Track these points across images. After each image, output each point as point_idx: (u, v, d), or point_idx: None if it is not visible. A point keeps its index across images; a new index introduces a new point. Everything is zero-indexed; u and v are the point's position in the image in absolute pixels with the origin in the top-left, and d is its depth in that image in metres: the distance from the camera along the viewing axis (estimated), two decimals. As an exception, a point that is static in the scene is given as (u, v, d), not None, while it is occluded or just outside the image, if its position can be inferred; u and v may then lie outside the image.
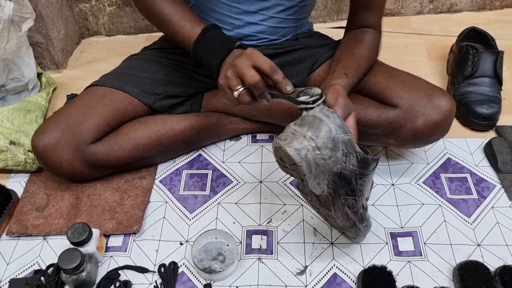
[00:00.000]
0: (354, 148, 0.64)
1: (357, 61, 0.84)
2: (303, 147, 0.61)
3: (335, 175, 0.64)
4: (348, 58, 0.85)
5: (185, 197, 0.94)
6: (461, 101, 1.07)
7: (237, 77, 0.68)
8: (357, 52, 0.87)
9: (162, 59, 0.98)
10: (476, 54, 1.09)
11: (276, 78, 0.66)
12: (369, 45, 0.88)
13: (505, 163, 0.96)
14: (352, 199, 0.70)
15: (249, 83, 0.66)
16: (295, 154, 0.60)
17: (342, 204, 0.69)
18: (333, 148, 0.62)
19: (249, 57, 0.67)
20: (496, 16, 1.43)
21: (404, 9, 1.43)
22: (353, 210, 0.71)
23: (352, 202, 0.70)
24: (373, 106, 0.87)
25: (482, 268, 0.78)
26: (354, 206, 0.71)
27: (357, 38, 0.90)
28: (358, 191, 0.69)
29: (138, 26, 1.38)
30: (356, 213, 0.72)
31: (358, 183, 0.68)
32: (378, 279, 0.76)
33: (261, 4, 0.88)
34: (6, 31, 0.96)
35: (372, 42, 0.89)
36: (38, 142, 0.84)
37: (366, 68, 0.87)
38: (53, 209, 0.90)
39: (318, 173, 0.62)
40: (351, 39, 0.91)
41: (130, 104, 0.92)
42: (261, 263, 0.82)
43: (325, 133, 0.61)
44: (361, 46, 0.88)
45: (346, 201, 0.69)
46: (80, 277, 0.75)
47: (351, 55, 0.86)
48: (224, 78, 0.70)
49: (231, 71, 0.68)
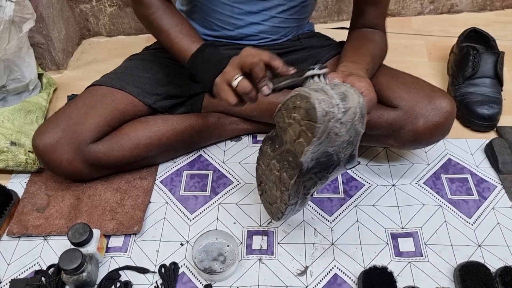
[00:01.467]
0: (358, 141, 0.64)
1: (373, 59, 0.84)
2: (330, 111, 0.57)
3: (326, 155, 0.63)
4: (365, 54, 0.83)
5: (186, 197, 0.94)
6: (461, 102, 1.07)
7: (235, 68, 0.69)
8: (371, 48, 0.86)
9: (163, 59, 0.98)
10: (476, 54, 1.09)
11: (276, 64, 0.67)
12: (380, 45, 0.88)
13: (506, 163, 0.96)
14: (314, 182, 0.69)
15: (250, 64, 0.66)
16: (321, 114, 0.56)
17: (303, 181, 0.68)
18: (348, 130, 0.60)
19: (245, 51, 0.69)
20: (497, 17, 1.43)
21: (405, 10, 1.43)
22: (306, 191, 0.71)
23: (311, 184, 0.69)
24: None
25: (483, 268, 0.78)
26: (310, 188, 0.70)
27: (367, 36, 0.89)
28: (324, 178, 0.69)
29: (139, 26, 1.38)
30: (305, 195, 0.72)
31: (331, 172, 0.67)
32: (379, 279, 0.76)
33: (263, 4, 0.88)
34: (6, 31, 0.96)
35: (382, 42, 0.89)
36: (39, 142, 0.84)
37: (376, 68, 0.87)
38: (54, 209, 0.90)
39: (321, 143, 0.60)
40: (361, 36, 0.90)
41: (130, 104, 0.92)
42: (262, 263, 0.82)
43: (352, 112, 0.59)
44: (373, 44, 0.87)
45: (309, 181, 0.68)
46: (80, 277, 0.75)
47: (367, 52, 0.84)
48: (222, 75, 0.70)
49: (229, 66, 0.69)
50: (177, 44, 0.81)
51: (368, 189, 0.94)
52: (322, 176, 0.68)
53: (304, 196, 0.72)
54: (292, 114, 0.61)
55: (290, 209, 0.73)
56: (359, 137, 0.63)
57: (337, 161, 0.65)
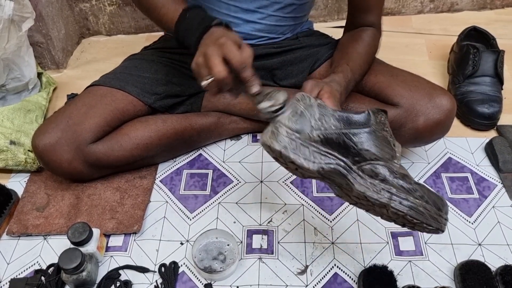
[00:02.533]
0: (325, 109, 0.62)
1: (351, 58, 0.84)
2: (268, 131, 0.60)
3: (320, 143, 0.61)
4: (341, 58, 0.85)
5: (186, 196, 0.94)
6: (462, 101, 1.07)
7: (206, 67, 0.65)
8: (351, 51, 0.87)
9: (163, 59, 0.98)
10: (477, 53, 1.09)
11: (244, 76, 0.63)
12: (365, 42, 0.88)
13: (506, 162, 0.96)
14: (368, 165, 0.62)
15: (215, 78, 0.63)
16: (267, 140, 0.60)
17: (360, 176, 0.62)
18: (299, 119, 0.60)
19: (221, 47, 0.64)
20: (497, 15, 1.43)
21: (405, 9, 1.43)
22: (379, 178, 0.62)
23: (370, 168, 0.62)
24: (374, 105, 0.87)
25: (483, 267, 0.78)
26: (376, 173, 0.62)
27: (353, 38, 0.90)
28: (365, 152, 0.62)
29: (139, 25, 1.38)
30: (385, 181, 0.62)
31: (356, 143, 0.62)
32: (379, 278, 0.76)
33: (259, 2, 0.88)
34: (6, 30, 0.96)
35: (368, 39, 0.89)
36: (39, 142, 0.84)
37: (362, 63, 0.87)
38: (54, 209, 0.90)
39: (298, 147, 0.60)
40: (347, 39, 0.92)
41: (130, 103, 0.92)
42: (262, 262, 0.82)
43: (289, 111, 0.61)
44: (355, 44, 0.88)
45: (363, 171, 0.62)
46: (80, 277, 0.75)
47: (344, 54, 0.86)
48: (195, 64, 0.67)
49: (202, 59, 0.65)
50: (165, 16, 0.78)
51: (368, 188, 0.94)
52: (358, 154, 0.62)
53: (387, 182, 0.62)
54: (279, 160, 0.64)
55: (404, 205, 0.62)
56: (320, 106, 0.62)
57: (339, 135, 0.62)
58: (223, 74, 0.63)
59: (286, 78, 0.98)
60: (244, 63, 0.63)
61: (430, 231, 0.63)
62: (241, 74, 0.63)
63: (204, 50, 0.65)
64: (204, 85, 0.65)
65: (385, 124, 0.65)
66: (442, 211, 0.63)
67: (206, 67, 0.64)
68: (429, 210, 0.62)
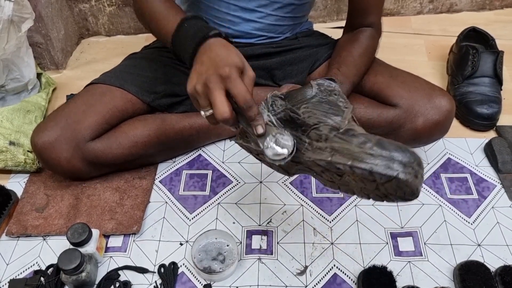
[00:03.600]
0: (275, 95, 0.65)
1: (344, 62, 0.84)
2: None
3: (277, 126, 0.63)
4: (334, 63, 0.85)
5: (185, 197, 0.94)
6: (461, 101, 1.07)
7: (206, 98, 0.59)
8: (345, 54, 0.87)
9: (162, 58, 0.98)
10: (476, 54, 1.09)
11: (249, 115, 0.58)
12: (363, 43, 0.88)
13: (505, 163, 0.96)
14: (313, 130, 0.61)
15: (217, 118, 0.58)
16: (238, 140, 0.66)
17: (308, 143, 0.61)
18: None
19: (224, 80, 0.57)
20: (496, 16, 1.43)
21: (404, 9, 1.43)
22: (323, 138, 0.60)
23: (315, 132, 0.61)
24: (373, 105, 0.87)
25: (483, 268, 0.78)
26: (320, 135, 0.60)
27: (351, 39, 0.90)
28: (307, 119, 0.61)
29: (138, 26, 1.38)
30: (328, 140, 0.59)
31: (299, 114, 0.62)
32: (379, 279, 0.76)
33: (259, 1, 0.88)
34: (5, 31, 0.96)
35: (366, 41, 0.89)
36: (37, 140, 0.84)
37: (356, 67, 0.86)
38: (53, 209, 0.90)
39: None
40: (345, 40, 0.92)
41: (129, 102, 0.92)
42: (261, 263, 0.82)
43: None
44: (351, 47, 0.88)
45: (310, 137, 0.61)
46: (80, 277, 0.75)
47: (338, 58, 0.87)
48: (194, 89, 0.60)
49: (201, 89, 0.59)
50: (164, 28, 0.73)
51: (367, 189, 0.94)
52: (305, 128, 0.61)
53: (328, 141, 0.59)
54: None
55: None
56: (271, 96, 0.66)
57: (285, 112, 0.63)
58: (226, 115, 0.57)
59: (285, 78, 0.98)
60: (250, 102, 0.57)
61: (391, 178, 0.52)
62: (246, 113, 0.58)
63: (205, 77, 0.59)
64: (204, 115, 0.61)
65: (333, 91, 0.64)
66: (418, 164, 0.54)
67: (206, 99, 0.59)
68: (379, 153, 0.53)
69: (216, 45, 0.62)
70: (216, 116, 0.58)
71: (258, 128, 0.59)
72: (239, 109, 0.60)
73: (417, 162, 0.53)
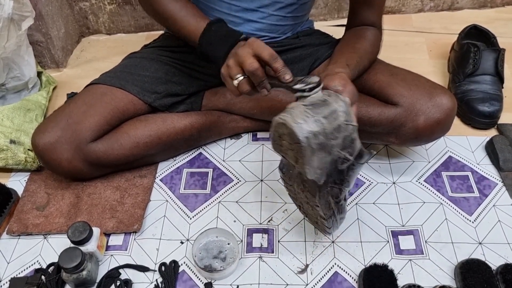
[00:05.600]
0: (355, 137, 0.63)
1: (359, 54, 0.84)
2: (309, 126, 0.58)
3: (331, 162, 0.63)
4: (351, 52, 0.84)
5: (186, 195, 0.93)
6: (462, 99, 1.07)
7: (237, 65, 0.68)
8: (359, 46, 0.86)
9: (163, 57, 0.98)
10: (477, 52, 1.09)
11: (276, 66, 0.66)
12: (371, 41, 0.88)
13: (507, 161, 0.96)
14: (338, 189, 0.68)
15: (247, 70, 0.67)
16: (301, 133, 0.58)
17: (327, 192, 0.68)
18: (337, 133, 0.61)
19: (250, 45, 0.68)
20: (497, 14, 1.43)
21: (405, 7, 1.43)
22: (336, 200, 0.70)
23: (337, 192, 0.69)
24: (374, 104, 0.87)
25: (484, 266, 0.78)
26: (338, 196, 0.70)
27: (358, 34, 0.90)
28: (346, 182, 0.68)
29: (138, 24, 1.38)
30: (337, 203, 0.71)
31: (348, 174, 0.67)
32: (379, 277, 0.76)
33: (260, 2, 0.88)
34: (6, 29, 0.96)
35: (373, 38, 0.89)
36: (38, 141, 0.84)
37: (367, 63, 0.87)
38: (54, 208, 0.90)
39: (317, 157, 0.60)
40: (352, 34, 0.91)
41: (130, 102, 0.92)
42: (262, 261, 0.82)
43: (333, 118, 0.60)
44: (363, 41, 0.88)
45: (332, 190, 0.68)
46: (80, 276, 0.75)
47: (353, 49, 0.86)
48: (226, 67, 0.70)
49: (232, 60, 0.69)
50: (185, 28, 0.81)
51: (368, 187, 0.94)
52: (341, 180, 0.68)
53: (338, 205, 0.72)
54: (282, 141, 0.64)
55: (332, 221, 0.74)
56: (354, 132, 0.63)
57: (347, 162, 0.65)
58: (255, 65, 0.66)
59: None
60: (275, 55, 0.66)
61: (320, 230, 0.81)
62: (273, 65, 0.66)
63: (235, 52, 0.69)
64: (236, 84, 0.69)
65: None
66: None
67: (237, 66, 0.68)
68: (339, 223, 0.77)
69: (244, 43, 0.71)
70: (247, 68, 0.66)
71: (286, 76, 0.66)
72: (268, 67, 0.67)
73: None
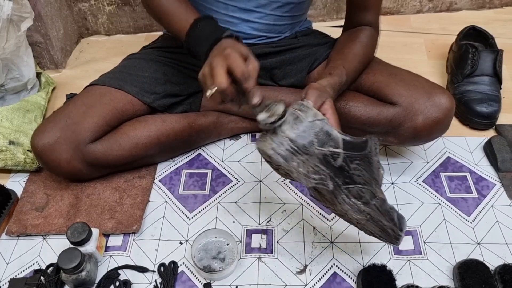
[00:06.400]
0: (328, 129, 0.63)
1: (347, 59, 0.84)
2: (275, 141, 0.62)
3: (321, 162, 0.63)
4: (337, 59, 0.86)
5: (185, 196, 0.94)
6: (460, 100, 1.07)
7: (210, 77, 0.66)
8: (347, 51, 0.87)
9: (162, 58, 0.98)
10: (475, 52, 1.09)
11: (245, 87, 0.64)
12: (363, 42, 0.88)
13: (505, 161, 0.96)
14: (355, 188, 0.66)
15: (217, 88, 0.64)
16: (268, 149, 0.62)
17: (346, 195, 0.66)
18: (305, 134, 0.62)
19: (226, 58, 0.65)
20: (496, 15, 1.43)
21: (404, 8, 1.43)
22: (362, 200, 0.66)
23: (357, 191, 0.66)
24: (373, 104, 0.87)
25: (482, 266, 0.78)
26: (361, 196, 0.66)
27: (350, 37, 0.90)
28: (357, 177, 0.65)
29: (137, 25, 1.38)
30: (367, 204, 0.67)
31: (351, 168, 0.65)
32: (378, 278, 0.76)
33: (257, 2, 0.88)
34: (5, 30, 0.96)
35: (365, 39, 0.89)
36: (37, 142, 0.84)
37: (358, 65, 0.87)
38: (53, 208, 0.90)
39: (296, 162, 0.62)
40: (344, 38, 0.92)
41: (129, 103, 0.92)
42: (261, 262, 0.82)
43: (299, 124, 0.62)
44: (352, 44, 0.88)
45: (350, 191, 0.66)
46: (79, 276, 0.75)
47: (341, 55, 0.87)
48: (202, 74, 0.68)
49: (207, 69, 0.67)
50: (176, 24, 0.80)
51: (367, 188, 0.94)
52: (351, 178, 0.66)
53: (369, 205, 0.67)
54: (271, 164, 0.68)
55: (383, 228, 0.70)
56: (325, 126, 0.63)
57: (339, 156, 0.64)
58: (224, 84, 0.63)
59: (285, 78, 0.98)
60: (247, 74, 0.64)
61: (388, 243, 0.77)
62: (243, 84, 0.64)
63: (210, 60, 0.67)
64: (209, 95, 0.66)
65: (377, 150, 0.68)
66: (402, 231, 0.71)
67: (210, 77, 0.66)
68: (396, 232, 0.70)
69: (226, 42, 0.71)
70: (216, 86, 0.64)
71: (254, 98, 0.63)
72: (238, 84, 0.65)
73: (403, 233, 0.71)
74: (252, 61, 0.67)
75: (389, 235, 0.70)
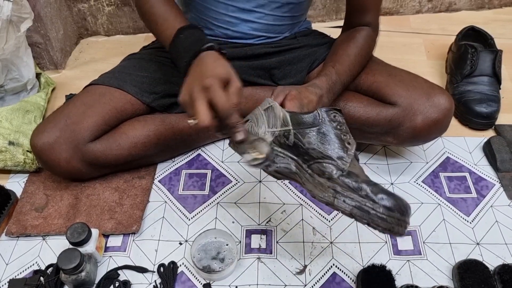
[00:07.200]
0: (278, 113, 0.65)
1: (338, 60, 0.85)
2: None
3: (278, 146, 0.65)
4: (329, 60, 0.87)
5: (185, 197, 0.94)
6: (460, 100, 1.07)
7: (191, 107, 0.62)
8: (341, 52, 0.87)
9: (161, 58, 0.98)
10: (475, 53, 1.09)
11: (228, 123, 0.61)
12: (358, 43, 0.88)
13: (504, 161, 0.96)
14: (316, 163, 0.63)
15: (200, 126, 0.61)
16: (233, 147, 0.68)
17: (310, 175, 0.64)
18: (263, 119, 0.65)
19: (206, 90, 0.61)
20: (495, 15, 1.43)
21: (403, 8, 1.43)
22: (326, 176, 0.62)
23: (318, 167, 0.63)
24: (372, 104, 0.87)
25: (481, 267, 0.78)
26: (323, 171, 0.62)
27: (346, 38, 0.91)
28: (311, 151, 0.63)
29: (137, 26, 1.38)
30: (331, 180, 0.62)
31: (304, 142, 0.63)
32: (378, 278, 0.76)
33: (257, 2, 0.88)
34: (4, 31, 0.96)
35: (361, 40, 0.89)
36: (37, 141, 0.84)
37: (352, 65, 0.87)
38: (52, 209, 0.90)
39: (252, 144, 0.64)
40: (341, 40, 0.93)
41: (128, 103, 0.92)
42: (261, 262, 0.82)
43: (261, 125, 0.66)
44: (346, 45, 0.88)
45: (312, 169, 0.63)
46: (79, 277, 0.75)
47: (333, 56, 0.87)
48: (182, 101, 0.65)
49: (188, 99, 0.63)
50: (164, 32, 0.78)
51: (366, 188, 0.94)
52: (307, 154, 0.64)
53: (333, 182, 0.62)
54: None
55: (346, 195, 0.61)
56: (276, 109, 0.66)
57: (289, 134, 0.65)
58: (206, 123, 0.60)
59: (284, 78, 0.98)
60: (229, 111, 0.60)
61: (383, 231, 0.59)
62: (225, 121, 0.61)
63: (190, 88, 0.63)
64: (191, 124, 0.63)
65: (339, 122, 0.65)
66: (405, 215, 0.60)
67: (191, 108, 0.62)
68: (376, 210, 0.59)
69: (207, 58, 0.68)
70: (198, 123, 0.60)
71: (236, 136, 0.62)
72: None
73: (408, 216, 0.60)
74: (233, 83, 0.63)
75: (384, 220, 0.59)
